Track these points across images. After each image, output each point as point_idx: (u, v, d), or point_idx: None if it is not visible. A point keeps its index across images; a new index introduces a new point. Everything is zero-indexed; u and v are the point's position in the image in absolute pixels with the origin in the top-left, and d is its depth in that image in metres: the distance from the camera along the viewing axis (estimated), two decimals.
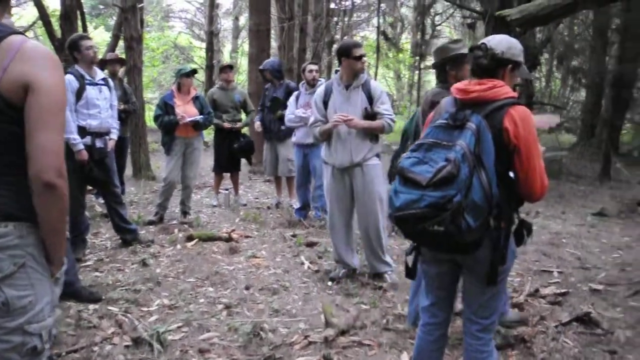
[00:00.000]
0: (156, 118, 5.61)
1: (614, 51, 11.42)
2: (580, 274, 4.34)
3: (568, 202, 7.83)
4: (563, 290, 3.85)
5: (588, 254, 4.97)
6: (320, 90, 4.10)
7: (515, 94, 1.94)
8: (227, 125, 6.42)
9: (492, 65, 1.98)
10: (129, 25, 8.40)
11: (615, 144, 12.90)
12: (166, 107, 5.56)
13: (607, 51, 13.00)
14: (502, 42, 2.01)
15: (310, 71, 5.72)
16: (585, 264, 4.62)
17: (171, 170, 5.64)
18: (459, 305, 2.76)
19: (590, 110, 13.48)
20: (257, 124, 6.46)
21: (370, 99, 3.93)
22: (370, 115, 3.91)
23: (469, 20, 13.95)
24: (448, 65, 3.01)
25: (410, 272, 2.12)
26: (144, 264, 4.30)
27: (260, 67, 6.53)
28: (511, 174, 1.93)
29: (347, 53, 3.86)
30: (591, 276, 4.27)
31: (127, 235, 4.77)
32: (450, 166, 1.74)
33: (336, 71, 4.03)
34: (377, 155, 4.02)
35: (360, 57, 3.85)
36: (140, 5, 8.81)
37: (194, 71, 5.83)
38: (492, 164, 1.82)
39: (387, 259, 4.08)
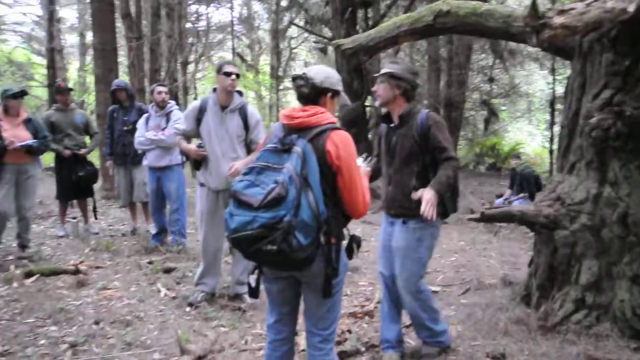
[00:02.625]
0: None
1: (445, 77, 12.86)
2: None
3: None
4: None
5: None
6: (195, 105, 4.05)
7: (336, 120, 2.13)
8: (67, 152, 6.00)
9: (312, 94, 2.14)
10: None
11: None
12: None
13: (440, 77, 14.62)
14: (320, 72, 2.17)
15: (159, 93, 5.58)
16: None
17: (1, 201, 5.06)
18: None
19: None
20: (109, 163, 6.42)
21: (246, 125, 3.97)
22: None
23: (320, 45, 14.69)
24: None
25: (253, 292, 2.19)
26: None
27: (115, 87, 6.17)
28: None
29: (218, 69, 3.94)
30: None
31: None
32: (278, 188, 1.85)
33: (214, 89, 4.01)
34: None
35: (228, 74, 3.88)
36: None
37: (23, 92, 5.32)
38: (318, 185, 1.96)
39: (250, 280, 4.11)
